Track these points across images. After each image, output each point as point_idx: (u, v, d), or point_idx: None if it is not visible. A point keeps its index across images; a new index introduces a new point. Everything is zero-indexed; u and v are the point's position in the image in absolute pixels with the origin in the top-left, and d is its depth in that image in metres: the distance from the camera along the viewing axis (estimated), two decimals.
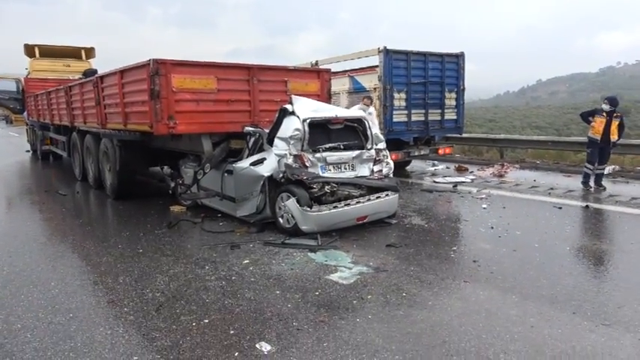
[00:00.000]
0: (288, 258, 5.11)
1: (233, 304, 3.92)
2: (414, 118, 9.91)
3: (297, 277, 4.53)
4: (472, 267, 4.76)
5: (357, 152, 6.61)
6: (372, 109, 8.96)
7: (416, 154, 10.36)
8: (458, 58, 10.50)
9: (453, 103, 10.59)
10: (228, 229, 6.31)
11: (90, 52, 17.57)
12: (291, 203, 5.75)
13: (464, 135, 11.72)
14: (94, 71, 12.90)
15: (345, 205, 5.94)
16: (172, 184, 7.98)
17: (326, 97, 7.66)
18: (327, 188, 5.97)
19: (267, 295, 4.08)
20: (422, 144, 10.45)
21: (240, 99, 6.72)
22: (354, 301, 3.94)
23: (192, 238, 6.02)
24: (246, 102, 6.79)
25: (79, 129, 10.30)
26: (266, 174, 6.06)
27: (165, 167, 9.14)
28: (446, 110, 10.44)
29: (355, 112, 7.09)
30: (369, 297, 4.02)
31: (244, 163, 6.28)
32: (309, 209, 5.71)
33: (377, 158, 6.81)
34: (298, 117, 6.25)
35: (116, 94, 7.35)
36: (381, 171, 6.78)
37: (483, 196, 8.34)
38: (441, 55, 10.22)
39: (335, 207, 5.86)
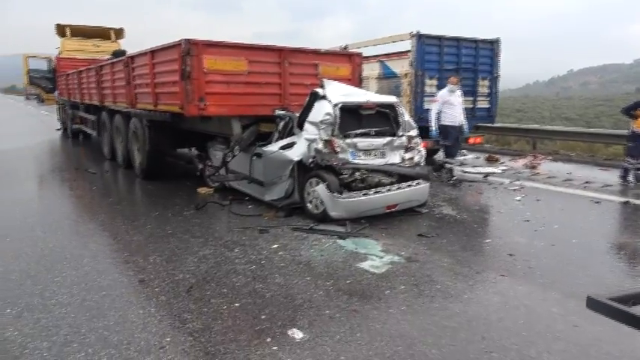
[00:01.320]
0: (317, 244, 5.04)
1: (263, 288, 3.87)
2: None
3: (327, 263, 4.46)
4: (508, 261, 4.60)
5: (388, 139, 6.45)
6: (459, 90, 8.76)
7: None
8: (493, 45, 10.14)
9: (487, 90, 10.26)
10: (256, 213, 6.27)
11: (119, 33, 17.68)
12: (321, 189, 5.66)
13: (495, 124, 11.36)
14: (123, 52, 12.97)
15: (376, 192, 5.82)
16: (200, 166, 8.00)
17: (357, 81, 7.50)
18: (357, 175, 5.85)
19: (297, 281, 4.02)
20: None
21: (270, 82, 6.62)
22: (387, 291, 3.84)
23: (220, 220, 6.01)
24: (276, 85, 6.69)
25: (109, 108, 10.38)
26: (295, 158, 5.97)
27: (193, 149, 9.17)
28: (478, 98, 10.13)
29: (388, 97, 6.90)
30: (401, 287, 3.92)
31: (274, 147, 6.20)
32: (338, 195, 5.62)
33: (408, 145, 6.64)
34: (329, 101, 6.12)
35: (147, 75, 7.34)
36: (412, 159, 6.61)
37: (516, 187, 8.09)
38: (475, 41, 9.89)
39: (365, 194, 5.75)
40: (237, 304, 3.57)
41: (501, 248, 4.97)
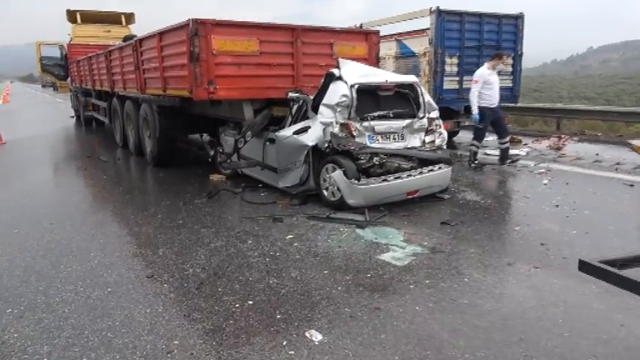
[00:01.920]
0: (334, 234, 4.77)
1: (278, 284, 3.62)
2: (465, 85, 9.19)
3: (345, 255, 4.18)
4: (540, 250, 4.27)
5: (407, 121, 6.11)
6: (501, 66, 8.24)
7: (466, 124, 9.66)
8: (517, 20, 9.61)
9: (510, 69, 9.77)
10: (269, 201, 6.02)
11: (130, 18, 17.42)
12: (338, 175, 5.36)
13: (518, 104, 10.86)
14: (134, 37, 12.70)
15: (396, 178, 5.51)
16: (212, 153, 7.77)
17: (374, 61, 7.13)
18: (375, 160, 5.53)
19: (314, 276, 3.76)
20: None
21: (283, 63, 6.29)
22: (411, 286, 3.56)
23: (232, 209, 5.77)
24: (289, 66, 6.36)
25: (119, 95, 10.17)
26: (310, 143, 5.67)
27: (205, 135, 8.93)
28: (501, 77, 9.61)
29: (407, 77, 6.53)
30: (426, 282, 3.64)
31: (287, 132, 5.91)
32: (356, 182, 5.32)
33: (429, 128, 6.29)
34: (346, 82, 5.78)
35: (155, 58, 7.07)
36: (433, 142, 6.27)
37: (542, 170, 7.69)
38: (497, 17, 9.38)
39: (384, 180, 5.44)
40: (250, 302, 3.33)
41: (531, 237, 4.64)
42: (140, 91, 8.13)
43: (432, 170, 5.82)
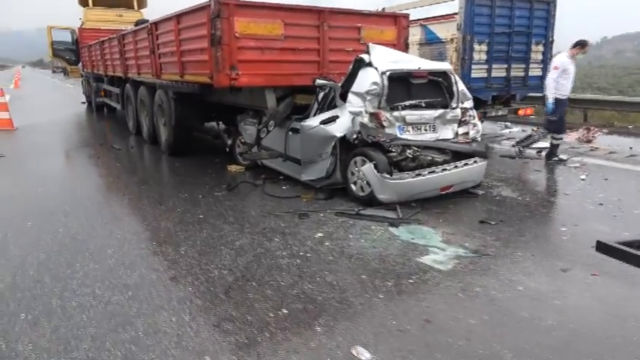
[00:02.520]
0: (366, 232, 4.44)
1: (313, 290, 3.31)
2: (494, 73, 8.76)
3: (382, 257, 3.86)
4: (594, 255, 3.86)
5: (440, 111, 5.74)
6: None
7: (493, 114, 9.26)
8: (549, 5, 9.10)
9: (540, 57, 9.29)
10: (292, 195, 5.70)
11: (142, 2, 17.04)
12: (368, 169, 5.01)
13: (538, 94, 10.32)
14: (146, 22, 12.34)
15: (430, 172, 5.16)
16: (229, 142, 7.45)
17: (403, 46, 6.73)
18: (408, 153, 5.18)
19: (351, 281, 3.44)
20: (500, 103, 9.31)
21: (308, 47, 5.92)
22: (460, 295, 3.24)
23: (254, 203, 5.45)
24: (314, 51, 5.99)
25: (133, 80, 9.86)
26: (339, 134, 5.32)
27: (221, 124, 8.61)
28: (531, 65, 9.18)
29: (441, 64, 6.14)
30: (476, 290, 3.31)
31: (313, 122, 5.55)
32: (388, 176, 4.97)
33: (462, 119, 5.92)
34: (376, 69, 5.41)
35: (172, 42, 6.72)
36: (467, 134, 5.89)
37: (577, 164, 7.28)
38: (529, 1, 8.87)
39: (418, 174, 5.09)
40: (285, 311, 3.02)
41: (581, 238, 4.27)
42: (155, 76, 7.81)
43: (467, 164, 5.46)
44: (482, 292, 3.27)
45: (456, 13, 8.46)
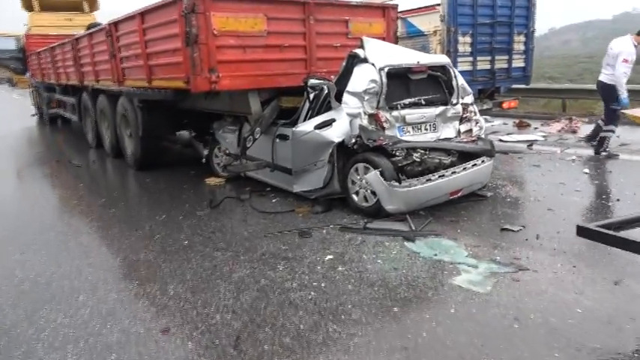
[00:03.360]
0: (381, 250, 3.90)
1: (341, 333, 2.73)
2: (479, 66, 8.41)
3: (409, 282, 3.33)
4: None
5: (440, 108, 5.28)
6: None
7: (479, 108, 8.90)
8: None
9: (522, 47, 9.01)
10: (285, 209, 5.09)
11: (93, 4, 15.91)
12: (374, 177, 4.47)
13: (520, 86, 10.09)
14: (99, 25, 11.39)
15: (439, 176, 4.66)
16: (205, 152, 6.76)
17: (393, 39, 6.23)
18: (415, 156, 4.67)
19: (383, 317, 2.89)
20: (485, 97, 8.98)
21: (294, 44, 5.32)
22: (516, 326, 2.74)
23: (244, 222, 4.81)
24: (300, 48, 5.40)
25: (91, 88, 8.97)
26: (336, 140, 4.76)
27: (193, 132, 7.86)
28: (514, 56, 8.89)
29: (439, 57, 5.68)
30: (532, 317, 2.82)
31: (306, 126, 4.96)
32: (397, 184, 4.44)
33: (464, 115, 5.48)
34: (373, 65, 4.88)
35: (136, 44, 5.97)
36: (470, 131, 5.46)
37: (573, 157, 7.01)
38: None
39: (428, 180, 4.58)
40: None
41: None
42: (117, 83, 7.00)
43: (475, 165, 4.99)
44: (539, 319, 2.78)
45: (438, 4, 8.04)
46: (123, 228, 4.75)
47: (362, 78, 4.86)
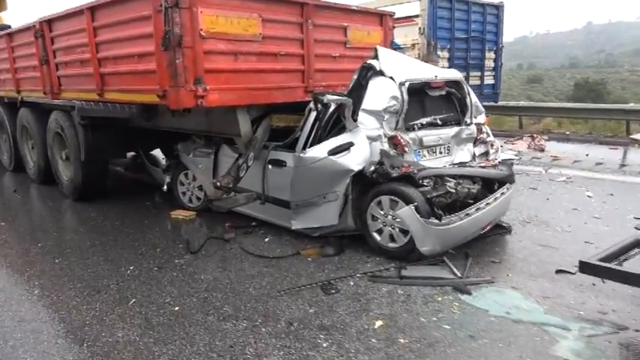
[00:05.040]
0: (438, 309, 3.13)
1: None
2: None
3: (500, 355, 2.57)
4: None
5: (455, 129, 4.68)
6: None
7: None
8: (498, 10, 8.73)
9: (492, 64, 8.90)
10: (288, 252, 4.17)
11: (1, 4, 13.74)
12: (409, 213, 3.69)
13: (489, 104, 9.99)
14: (7, 27, 9.63)
15: (476, 209, 4.00)
16: (167, 179, 5.61)
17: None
18: (449, 186, 3.98)
19: None
20: None
21: (291, 52, 4.44)
22: None
23: (243, 273, 3.80)
24: (298, 58, 4.53)
25: (7, 100, 7.41)
26: (356, 167, 3.94)
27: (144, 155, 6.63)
28: (485, 73, 8.69)
29: (452, 72, 5.08)
30: None
31: (317, 152, 4.06)
32: (436, 221, 3.71)
33: (478, 137, 4.93)
34: (392, 79, 4.16)
35: (82, 47, 4.76)
36: (485, 154, 4.91)
37: (564, 178, 6.77)
38: (482, 5, 8.38)
39: (467, 214, 3.90)
40: None
41: None
42: (51, 94, 5.66)
43: (503, 193, 4.41)
44: None
45: (416, 16, 7.58)
46: (79, 289, 3.54)
47: (381, 94, 4.11)
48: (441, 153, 4.62)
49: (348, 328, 2.91)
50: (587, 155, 8.47)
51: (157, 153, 6.87)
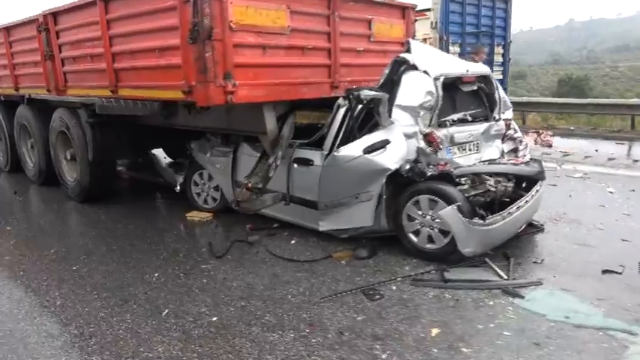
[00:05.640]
0: (492, 314, 2.99)
1: None
2: None
3: None
4: None
5: (485, 125, 4.54)
6: None
7: None
8: (507, 4, 8.62)
9: (500, 59, 8.77)
10: (318, 255, 4.00)
11: None
12: (452, 213, 3.53)
13: None
14: None
15: (517, 208, 3.86)
16: (180, 179, 5.40)
17: None
18: (489, 184, 3.83)
19: None
20: None
21: (317, 46, 4.25)
22: None
23: (277, 277, 3.61)
24: (324, 52, 4.34)
25: (4, 98, 7.09)
26: (393, 166, 3.76)
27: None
28: (494, 68, 8.57)
29: (480, 66, 4.93)
30: None
31: (351, 150, 3.87)
32: (480, 221, 3.56)
33: (507, 132, 4.80)
34: (427, 73, 3.99)
35: (94, 41, 4.50)
36: (515, 151, 4.80)
37: (580, 174, 6.69)
38: None
39: (509, 213, 3.76)
40: None
41: None
42: (55, 91, 5.39)
43: (537, 191, 4.28)
44: None
45: (428, 9, 7.43)
46: (105, 299, 3.32)
47: (416, 89, 3.95)
48: (470, 150, 4.47)
49: (404, 337, 2.74)
50: (596, 151, 8.44)
51: (159, 152, 6.64)
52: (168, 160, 6.71)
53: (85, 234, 4.77)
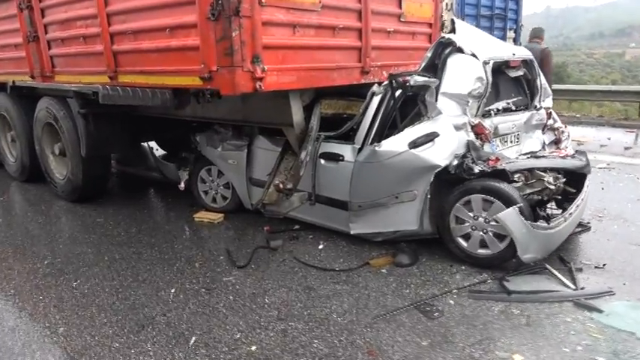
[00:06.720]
0: (571, 332, 2.60)
1: None
2: None
3: None
4: None
5: (526, 114, 4.14)
6: None
7: None
8: None
9: (512, 43, 8.37)
10: (353, 262, 3.56)
11: None
12: (512, 216, 3.11)
13: None
14: None
15: (576, 207, 3.48)
16: (185, 176, 4.87)
17: (439, 26, 4.95)
18: (547, 182, 3.43)
19: None
20: None
21: (348, 26, 3.75)
22: None
23: (314, 291, 3.16)
24: (355, 32, 3.84)
25: None
26: (443, 162, 3.32)
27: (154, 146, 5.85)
28: None
29: (522, 50, 4.51)
30: None
31: (395, 144, 3.39)
32: (545, 224, 3.16)
33: (547, 122, 4.41)
34: (475, 56, 3.55)
35: (87, 19, 3.91)
36: (557, 142, 4.41)
37: (603, 165, 6.38)
38: None
39: (570, 214, 3.37)
40: None
41: None
42: (41, 77, 4.77)
43: (587, 187, 3.91)
44: None
45: None
46: (117, 324, 2.81)
47: (465, 75, 3.51)
48: (511, 142, 4.08)
49: None
50: (609, 139, 8.17)
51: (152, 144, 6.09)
52: (161, 152, 6.20)
53: (82, 241, 4.20)
